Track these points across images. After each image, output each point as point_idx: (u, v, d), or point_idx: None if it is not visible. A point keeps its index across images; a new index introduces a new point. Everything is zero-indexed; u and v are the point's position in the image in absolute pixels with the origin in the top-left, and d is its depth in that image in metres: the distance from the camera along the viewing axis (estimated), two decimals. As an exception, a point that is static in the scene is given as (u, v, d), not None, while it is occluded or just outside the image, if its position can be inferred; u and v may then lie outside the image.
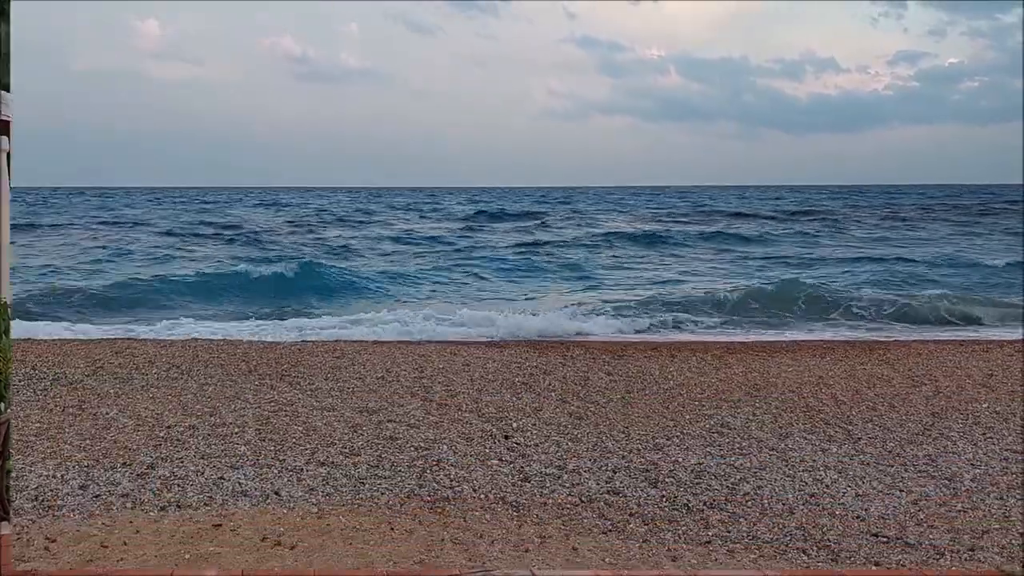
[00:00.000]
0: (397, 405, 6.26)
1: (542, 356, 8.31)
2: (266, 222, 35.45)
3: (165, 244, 24.57)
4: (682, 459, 5.08)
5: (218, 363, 7.77)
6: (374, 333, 10.27)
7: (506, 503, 4.33)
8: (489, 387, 6.90)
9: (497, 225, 34.62)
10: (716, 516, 4.22)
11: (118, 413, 5.86)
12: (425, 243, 26.48)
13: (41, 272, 17.37)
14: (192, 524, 3.92)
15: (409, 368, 7.62)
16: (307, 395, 6.56)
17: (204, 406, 6.11)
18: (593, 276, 19.07)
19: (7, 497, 2.90)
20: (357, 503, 4.30)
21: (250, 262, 18.91)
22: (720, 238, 27.87)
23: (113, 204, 53.26)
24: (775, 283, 14.87)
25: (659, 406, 6.35)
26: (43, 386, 6.68)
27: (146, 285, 15.49)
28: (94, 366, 7.48)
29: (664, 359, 8.22)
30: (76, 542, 3.67)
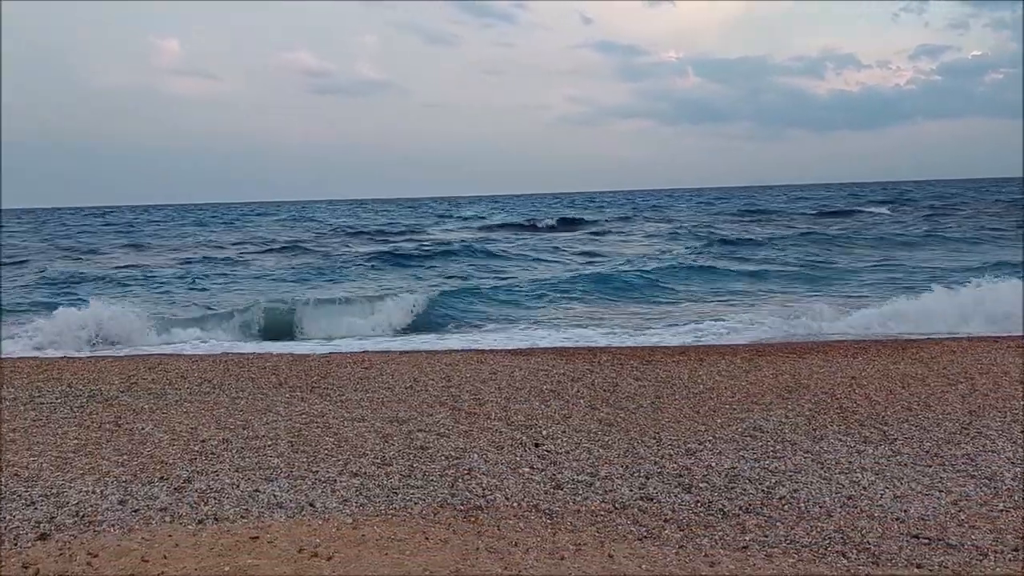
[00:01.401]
0: (426, 415, 6.28)
1: (569, 363, 8.29)
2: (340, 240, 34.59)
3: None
4: (715, 464, 5.05)
5: (248, 376, 7.83)
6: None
7: (539, 511, 4.33)
8: (517, 395, 6.89)
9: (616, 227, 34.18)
10: (752, 520, 4.18)
11: (154, 428, 5.93)
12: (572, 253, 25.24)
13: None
14: (230, 537, 3.96)
15: (436, 378, 7.64)
16: (337, 406, 6.59)
17: (237, 419, 6.17)
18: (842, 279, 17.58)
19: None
20: (391, 513, 4.31)
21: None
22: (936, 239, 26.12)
23: (171, 225, 51.53)
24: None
25: (690, 411, 6.32)
26: (79, 403, 6.77)
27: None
28: (128, 382, 7.57)
29: (693, 363, 8.17)
30: (117, 557, 3.71)
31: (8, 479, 4.80)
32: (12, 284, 19.01)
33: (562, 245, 27.57)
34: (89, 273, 21.27)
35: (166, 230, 44.57)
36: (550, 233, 34.92)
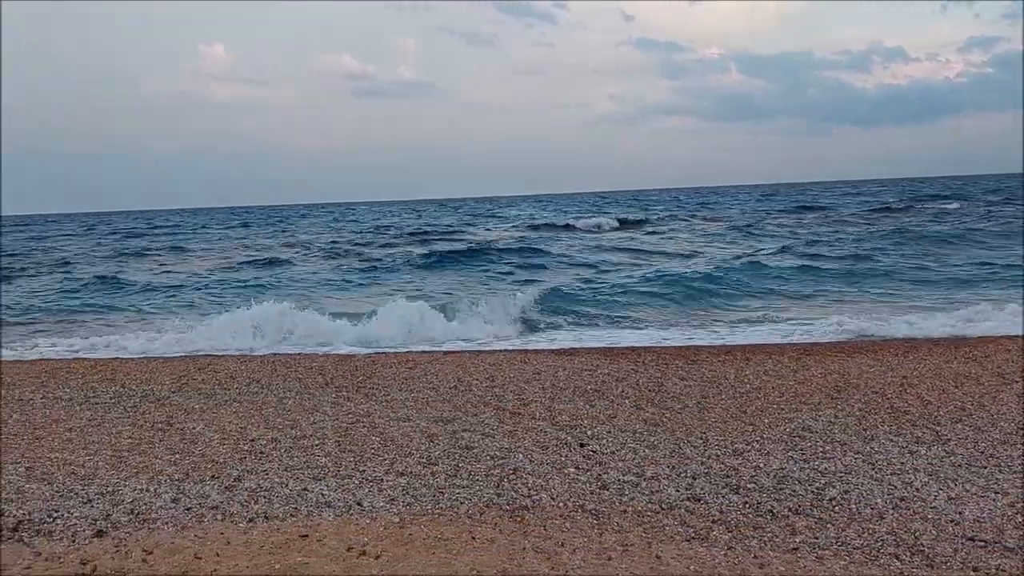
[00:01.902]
0: (471, 414, 6.30)
1: (613, 363, 8.25)
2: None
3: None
4: (763, 464, 4.99)
5: (296, 377, 7.94)
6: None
7: (585, 511, 4.31)
8: (561, 395, 6.88)
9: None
10: (802, 522, 4.12)
11: (204, 427, 6.04)
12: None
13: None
14: (280, 535, 4.02)
15: (480, 377, 7.66)
16: (383, 406, 6.65)
17: (285, 419, 6.26)
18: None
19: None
20: (437, 512, 4.33)
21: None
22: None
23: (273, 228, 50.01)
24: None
25: (736, 411, 6.25)
26: (132, 403, 6.93)
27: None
28: (179, 382, 7.72)
29: (739, 363, 8.08)
30: (171, 554, 3.79)
31: (66, 477, 4.93)
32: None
33: (632, 245, 26.82)
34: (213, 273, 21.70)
35: (222, 232, 45.25)
36: (613, 233, 33.80)
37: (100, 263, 25.98)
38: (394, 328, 10.90)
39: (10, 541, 4.01)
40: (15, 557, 3.80)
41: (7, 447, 5.62)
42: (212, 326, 11.06)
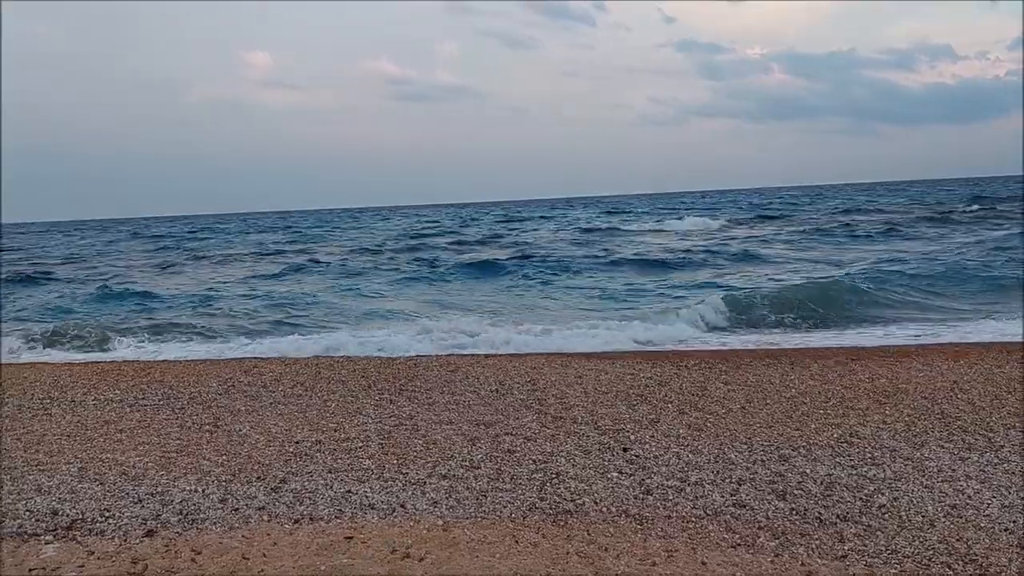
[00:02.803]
0: (512, 418, 6.30)
1: (656, 367, 8.19)
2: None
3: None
4: (810, 470, 4.91)
5: (339, 379, 8.01)
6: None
7: (629, 516, 4.29)
8: (603, 399, 6.85)
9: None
10: (851, 529, 4.05)
11: (250, 429, 6.13)
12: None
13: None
14: (325, 536, 4.06)
15: (522, 381, 7.66)
16: (425, 409, 6.68)
17: (329, 422, 6.32)
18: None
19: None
20: (480, 516, 4.34)
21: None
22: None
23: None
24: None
25: (782, 415, 6.16)
26: (180, 404, 7.05)
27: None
28: (225, 384, 7.84)
29: (784, 367, 7.97)
30: (219, 554, 3.85)
31: (117, 477, 5.04)
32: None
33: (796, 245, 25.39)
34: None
35: (285, 235, 45.72)
36: (736, 231, 32.11)
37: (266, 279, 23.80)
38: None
39: (64, 539, 4.10)
40: (69, 555, 3.90)
41: (61, 448, 5.76)
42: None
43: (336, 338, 11.07)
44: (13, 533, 4.20)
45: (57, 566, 3.78)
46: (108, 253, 35.46)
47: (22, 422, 6.56)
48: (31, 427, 6.39)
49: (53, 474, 5.11)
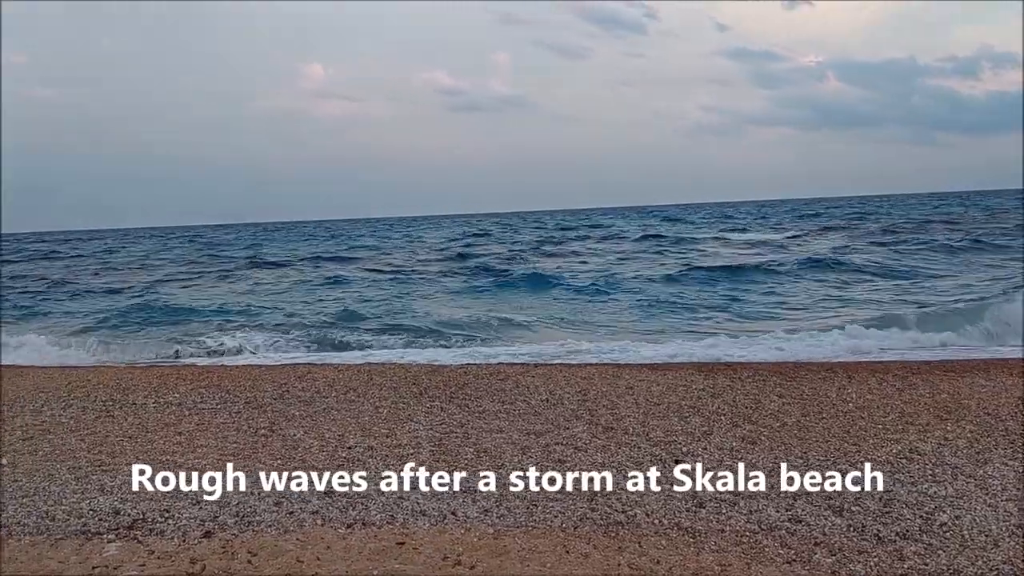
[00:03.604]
0: (563, 428, 6.28)
1: (708, 379, 8.10)
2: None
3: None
4: (868, 486, 4.80)
5: (391, 386, 8.09)
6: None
7: (681, 529, 4.25)
8: (655, 410, 6.79)
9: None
10: (911, 547, 3.95)
11: (304, 434, 6.22)
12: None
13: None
14: (377, 541, 4.10)
15: (572, 391, 7.63)
16: (475, 417, 6.70)
17: (381, 428, 6.38)
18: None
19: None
20: (531, 525, 4.34)
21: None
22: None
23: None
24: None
25: (839, 430, 6.04)
26: (237, 408, 7.19)
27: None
28: (280, 390, 7.98)
29: (841, 380, 7.81)
30: (275, 556, 3.92)
31: (176, 479, 5.14)
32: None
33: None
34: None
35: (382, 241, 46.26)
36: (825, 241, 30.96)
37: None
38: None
39: (125, 539, 4.21)
40: (130, 554, 4.00)
41: (123, 449, 5.92)
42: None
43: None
44: (77, 531, 4.33)
45: (119, 564, 3.88)
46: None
47: (86, 423, 6.76)
48: (94, 428, 6.58)
49: (115, 474, 5.25)
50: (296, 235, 64.49)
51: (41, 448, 6.01)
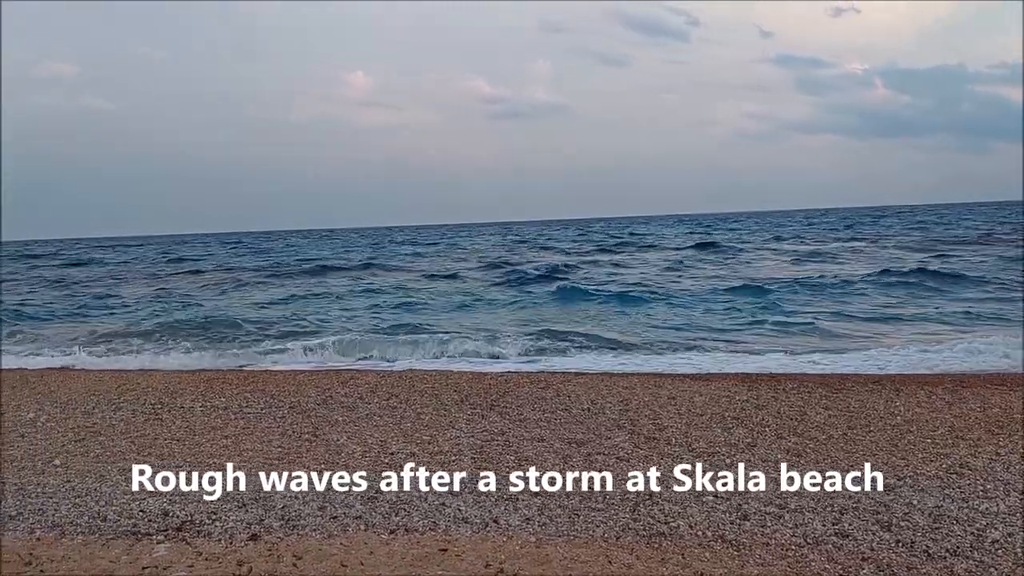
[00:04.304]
0: (604, 437, 6.26)
1: (752, 390, 8.01)
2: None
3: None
4: (917, 501, 4.71)
5: (432, 393, 8.13)
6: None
7: (725, 541, 4.20)
8: (698, 421, 6.73)
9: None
10: (962, 565, 3.86)
11: (347, 440, 6.28)
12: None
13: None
14: (419, 548, 4.12)
15: (614, 400, 7.60)
16: (516, 425, 6.71)
17: (423, 434, 6.42)
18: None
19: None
20: (573, 534, 4.33)
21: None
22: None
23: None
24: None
25: (886, 444, 5.93)
26: (281, 413, 7.29)
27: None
28: (324, 395, 8.07)
29: (889, 393, 7.66)
30: (319, 560, 3.96)
31: (223, 481, 5.23)
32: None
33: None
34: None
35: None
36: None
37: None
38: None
39: (174, 540, 4.29)
40: (179, 555, 4.08)
41: (171, 451, 6.04)
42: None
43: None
44: (128, 532, 4.42)
45: (168, 565, 3.96)
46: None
47: (135, 426, 6.91)
48: (144, 431, 6.72)
49: (164, 476, 5.34)
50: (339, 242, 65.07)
51: (92, 449, 6.15)
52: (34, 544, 4.28)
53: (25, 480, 5.39)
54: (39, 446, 6.30)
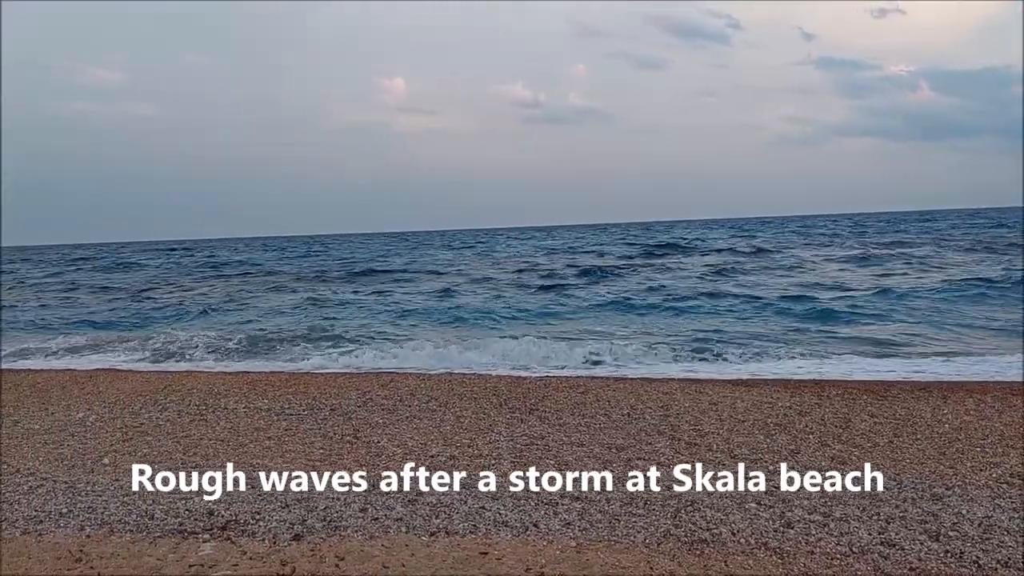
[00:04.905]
0: (645, 443, 6.22)
1: (795, 396, 7.90)
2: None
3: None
4: (966, 511, 4.61)
5: (471, 396, 8.15)
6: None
7: (768, 549, 4.15)
8: (740, 427, 6.67)
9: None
10: (1014, 578, 3.77)
11: (388, 442, 6.33)
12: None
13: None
14: (460, 550, 4.13)
15: (654, 406, 7.55)
16: (556, 429, 6.70)
17: (462, 437, 6.44)
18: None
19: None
20: (613, 540, 4.31)
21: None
22: None
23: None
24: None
25: (934, 452, 5.81)
26: (323, 415, 7.37)
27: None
28: (364, 398, 8.14)
29: (936, 400, 7.51)
30: (361, 561, 3.99)
31: (266, 482, 5.30)
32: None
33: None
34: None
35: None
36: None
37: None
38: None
39: (219, 539, 4.36)
40: (224, 554, 4.14)
41: (216, 452, 6.13)
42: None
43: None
44: (174, 530, 4.50)
45: (214, 564, 4.02)
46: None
47: (181, 426, 7.03)
48: (189, 431, 6.83)
49: (210, 476, 5.43)
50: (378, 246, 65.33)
51: (140, 449, 6.28)
52: (84, 541, 4.38)
53: (75, 478, 5.51)
54: (89, 445, 6.45)
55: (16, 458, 6.11)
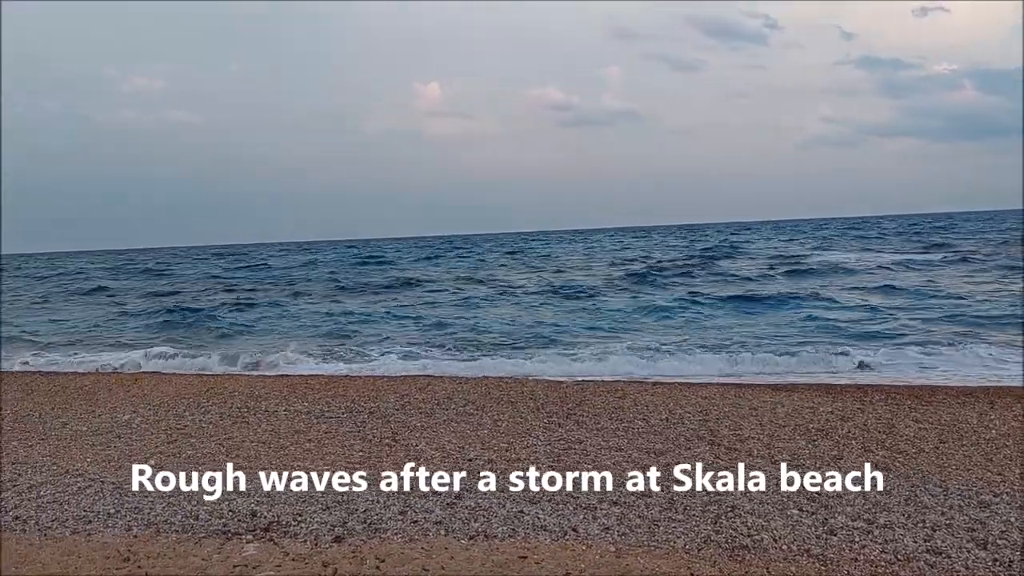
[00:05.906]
0: (684, 448, 6.18)
1: (836, 401, 7.80)
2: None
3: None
4: (1015, 519, 4.51)
5: (508, 400, 8.17)
6: None
7: (811, 556, 4.10)
8: (781, 432, 6.59)
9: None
10: (1067, 588, 3.68)
11: (426, 445, 6.36)
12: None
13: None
14: (499, 554, 4.15)
15: (693, 411, 7.50)
16: (593, 434, 6.68)
17: (500, 441, 6.45)
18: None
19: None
20: (653, 545, 4.29)
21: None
22: None
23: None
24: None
25: (981, 458, 5.70)
26: (361, 418, 7.43)
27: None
28: (402, 401, 8.19)
29: (982, 405, 7.36)
30: (402, 563, 4.02)
31: (307, 484, 5.36)
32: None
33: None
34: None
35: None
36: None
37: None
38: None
39: (262, 540, 4.42)
40: (267, 555, 4.20)
41: (258, 453, 6.22)
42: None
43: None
44: (218, 531, 4.57)
45: (257, 564, 4.08)
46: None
47: (223, 428, 7.14)
48: (231, 433, 6.94)
49: (252, 478, 5.51)
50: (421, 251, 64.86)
51: (183, 451, 6.39)
52: (131, 541, 4.47)
53: (122, 479, 5.62)
54: (134, 447, 6.58)
55: (65, 459, 6.25)
